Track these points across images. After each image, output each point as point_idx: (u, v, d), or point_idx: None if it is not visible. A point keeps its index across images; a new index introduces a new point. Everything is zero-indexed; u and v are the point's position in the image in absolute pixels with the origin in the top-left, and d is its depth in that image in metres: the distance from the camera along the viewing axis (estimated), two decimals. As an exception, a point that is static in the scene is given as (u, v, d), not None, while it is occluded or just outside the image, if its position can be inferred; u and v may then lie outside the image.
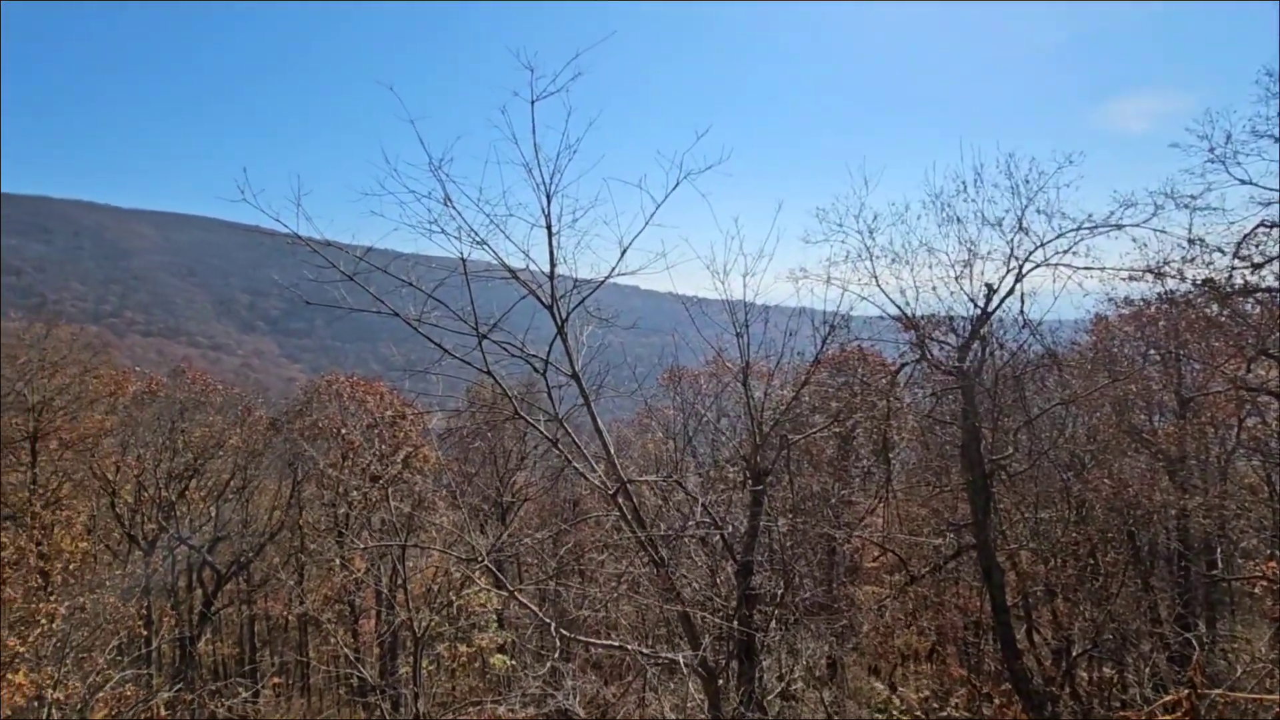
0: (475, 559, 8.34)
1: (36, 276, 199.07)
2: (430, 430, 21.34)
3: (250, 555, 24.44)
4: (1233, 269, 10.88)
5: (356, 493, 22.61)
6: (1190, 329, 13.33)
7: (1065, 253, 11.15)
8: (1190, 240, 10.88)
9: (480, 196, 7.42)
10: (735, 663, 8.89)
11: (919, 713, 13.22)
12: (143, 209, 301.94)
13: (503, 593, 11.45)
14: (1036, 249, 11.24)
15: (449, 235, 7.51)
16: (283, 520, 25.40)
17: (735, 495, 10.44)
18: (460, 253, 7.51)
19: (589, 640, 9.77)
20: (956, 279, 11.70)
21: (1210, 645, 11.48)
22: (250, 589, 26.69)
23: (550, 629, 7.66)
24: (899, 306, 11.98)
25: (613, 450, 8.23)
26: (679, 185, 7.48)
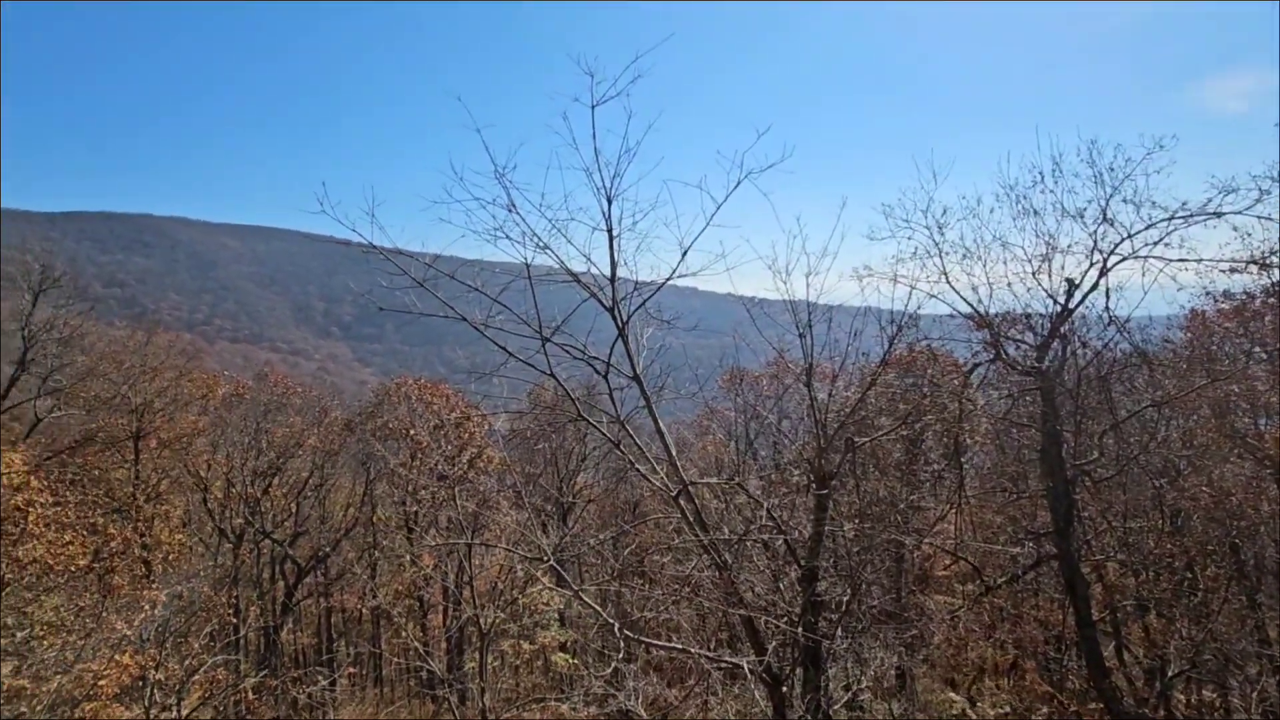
0: (541, 558, 8.48)
1: (138, 288, 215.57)
2: (495, 431, 21.85)
3: (327, 550, 25.66)
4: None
5: (425, 491, 23.43)
6: (1302, 324, 12.23)
7: (1156, 244, 10.41)
8: (1301, 228, 9.98)
9: (542, 201, 7.58)
10: (800, 670, 8.71)
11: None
12: (229, 223, 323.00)
13: (565, 592, 11.61)
14: (1123, 241, 10.55)
15: (513, 241, 7.69)
16: (357, 517, 26.59)
17: (798, 499, 10.24)
18: (524, 257, 7.67)
19: (652, 642, 9.76)
20: (1034, 274, 11.12)
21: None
22: (327, 582, 28.02)
23: (614, 629, 7.70)
24: (971, 304, 11.48)
25: (674, 452, 8.22)
26: (740, 185, 7.41)
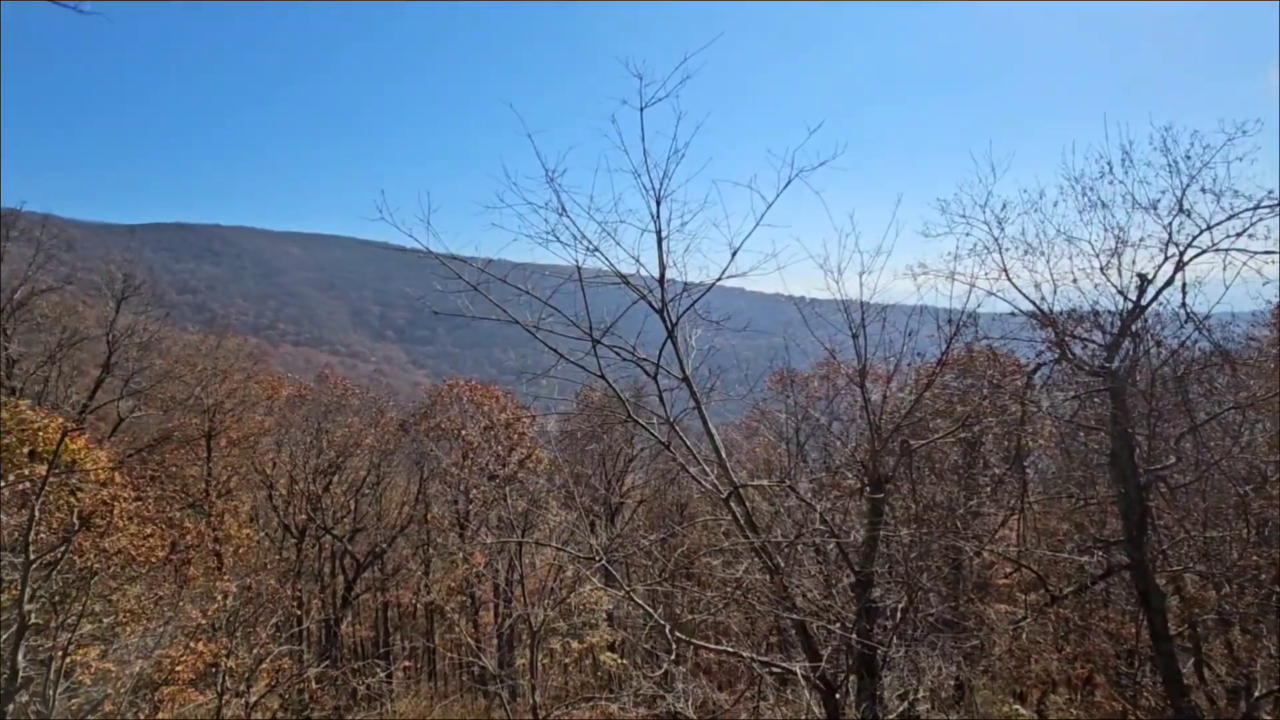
0: (593, 557, 8.55)
1: (209, 294, 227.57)
2: (547, 432, 22.17)
3: (384, 546, 26.49)
4: None
5: (476, 490, 23.94)
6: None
7: (1238, 236, 9.73)
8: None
9: (591, 204, 7.65)
10: (854, 677, 8.52)
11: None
12: (291, 230, 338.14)
13: (615, 592, 11.67)
14: (1201, 233, 9.91)
15: (564, 244, 7.78)
16: (411, 515, 27.37)
17: (851, 503, 10.03)
18: (575, 260, 7.75)
19: (703, 644, 9.72)
20: (1101, 270, 10.56)
21: None
22: (384, 577, 28.91)
23: (665, 630, 7.70)
24: (1033, 302, 10.99)
25: (724, 454, 8.17)
26: (790, 183, 7.33)
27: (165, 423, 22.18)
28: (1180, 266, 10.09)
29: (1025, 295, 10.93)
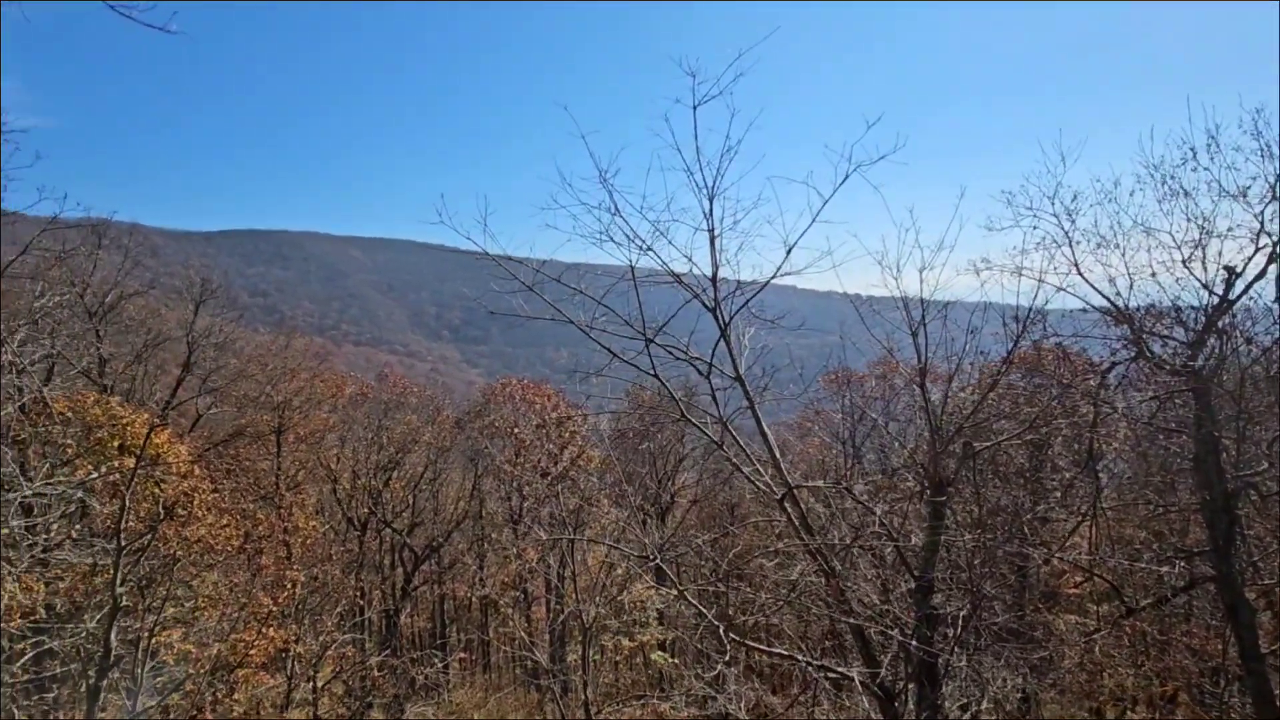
0: (645, 556, 8.58)
1: (278, 297, 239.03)
2: (600, 431, 22.35)
3: (440, 540, 27.25)
4: None
5: (528, 487, 24.37)
6: None
7: (1341, 224, 9.03)
8: None
9: (644, 204, 7.67)
10: (914, 685, 8.28)
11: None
12: (354, 235, 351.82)
13: (667, 590, 11.67)
14: (1298, 222, 9.23)
15: (617, 244, 7.82)
16: (466, 510, 28.07)
17: (910, 506, 9.74)
18: (628, 260, 7.78)
19: (757, 646, 9.63)
20: (1183, 263, 9.92)
21: None
22: (441, 570, 29.75)
23: (718, 631, 7.66)
24: (1107, 297, 10.42)
25: (778, 454, 8.06)
26: (848, 178, 7.17)
27: (238, 419, 23.38)
28: (1273, 258, 9.40)
29: (1098, 290, 10.39)
